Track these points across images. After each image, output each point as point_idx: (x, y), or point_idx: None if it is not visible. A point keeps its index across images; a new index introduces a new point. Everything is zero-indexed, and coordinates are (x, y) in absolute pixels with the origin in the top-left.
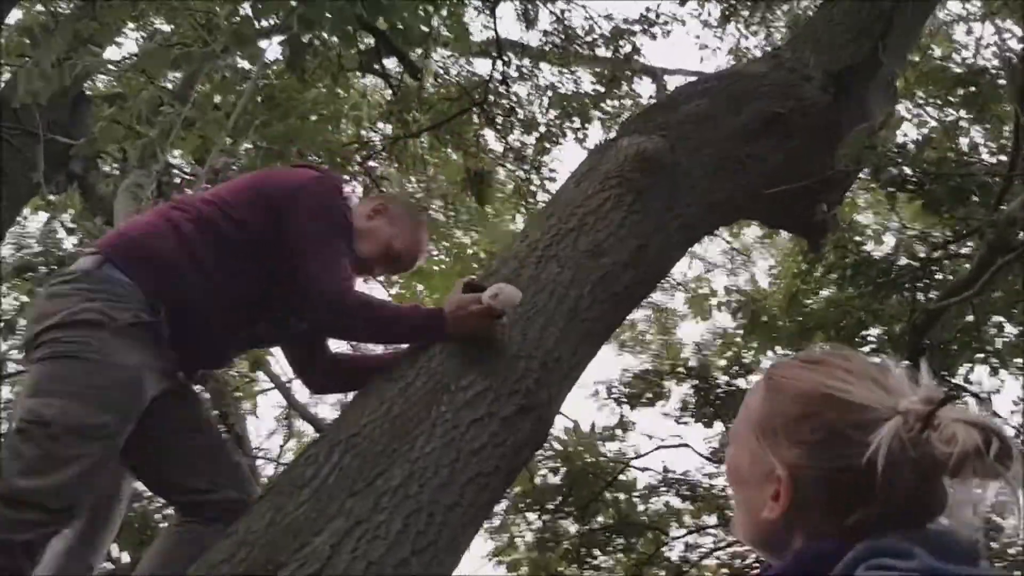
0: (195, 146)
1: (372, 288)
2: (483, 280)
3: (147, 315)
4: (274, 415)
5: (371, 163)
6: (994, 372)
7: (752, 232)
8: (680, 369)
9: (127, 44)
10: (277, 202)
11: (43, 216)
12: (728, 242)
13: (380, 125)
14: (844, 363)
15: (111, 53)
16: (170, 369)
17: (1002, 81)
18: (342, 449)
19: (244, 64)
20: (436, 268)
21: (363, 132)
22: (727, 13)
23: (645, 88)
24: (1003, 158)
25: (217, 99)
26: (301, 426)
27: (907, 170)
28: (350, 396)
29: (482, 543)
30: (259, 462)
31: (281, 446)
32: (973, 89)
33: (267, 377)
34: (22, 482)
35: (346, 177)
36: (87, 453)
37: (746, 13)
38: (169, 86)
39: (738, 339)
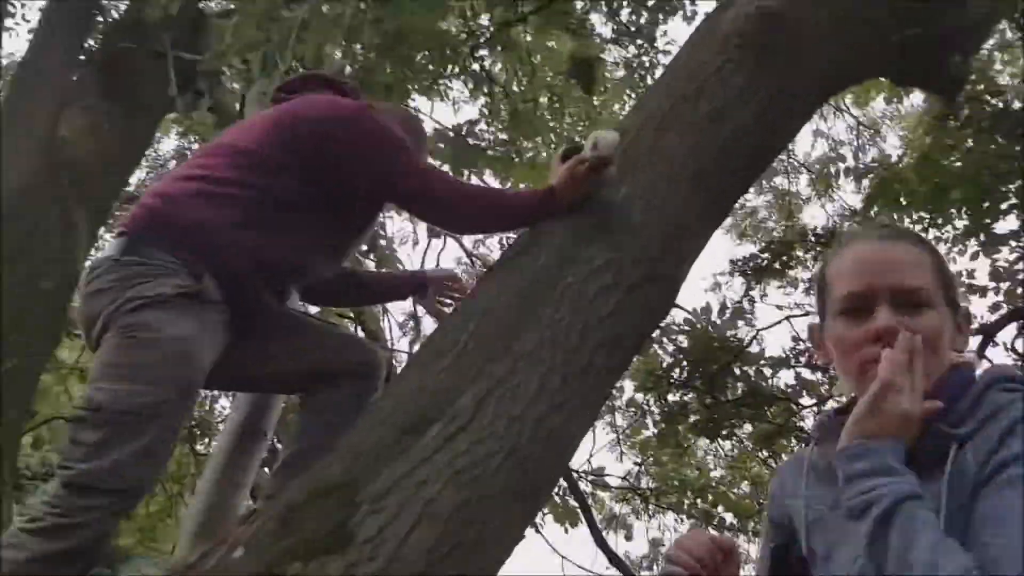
0: (313, 52)
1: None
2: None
3: (192, 282)
4: (400, 321)
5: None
6: None
7: (879, 106)
8: (809, 238)
9: None
10: (324, 136)
11: (175, 138)
12: (855, 117)
13: (484, 23)
14: None
15: None
16: (233, 323)
17: None
18: (477, 319)
19: None
20: (546, 163)
21: (468, 23)
22: None
23: None
24: None
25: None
26: (428, 327)
27: None
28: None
29: (605, 435)
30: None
31: (410, 345)
32: None
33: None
34: (81, 466)
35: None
36: (142, 432)
37: None
38: None
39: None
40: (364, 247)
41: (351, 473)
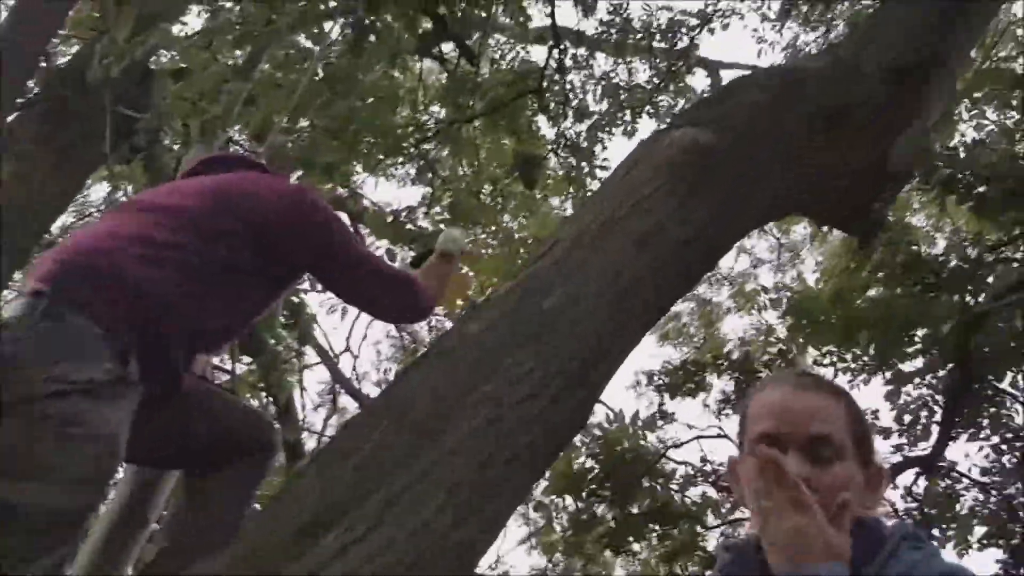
0: (257, 123)
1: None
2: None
3: (117, 367)
4: (319, 390)
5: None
6: None
7: (801, 229)
8: (722, 361)
9: (192, 20)
10: (268, 212)
11: (106, 186)
12: (776, 238)
13: (434, 109)
14: None
15: (175, 29)
16: (144, 397)
17: None
18: (389, 421)
19: (308, 44)
20: (484, 251)
21: (418, 115)
22: (787, 8)
23: (700, 81)
24: None
25: (279, 76)
26: (345, 401)
27: (958, 172)
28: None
29: (517, 528)
30: (303, 435)
31: (325, 420)
32: None
33: (314, 351)
34: None
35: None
36: (66, 539)
37: (805, 8)
38: (232, 62)
39: (782, 335)
40: (285, 319)
41: None
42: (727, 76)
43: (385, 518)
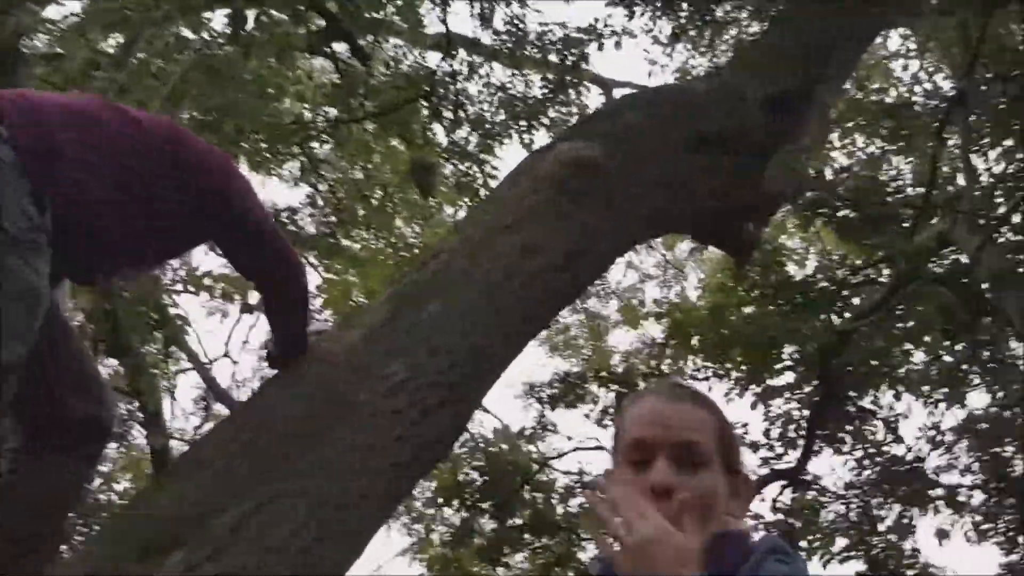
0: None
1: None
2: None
3: (36, 214)
4: (192, 396)
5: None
6: (897, 397)
7: (685, 246)
8: (604, 374)
9: (69, 4)
10: (198, 174)
11: None
12: (663, 254)
13: (324, 109)
14: None
15: (51, 12)
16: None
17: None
18: (253, 431)
19: (186, 33)
20: (373, 257)
21: (305, 112)
22: (676, 32)
23: (594, 99)
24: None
25: (155, 67)
26: (219, 409)
27: (825, 196)
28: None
29: (397, 538)
30: (173, 443)
31: (196, 428)
32: (897, 123)
33: (185, 357)
34: None
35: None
36: (3, 394)
37: (694, 33)
38: (109, 50)
39: (663, 348)
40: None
41: None
42: (620, 94)
43: (240, 534)
